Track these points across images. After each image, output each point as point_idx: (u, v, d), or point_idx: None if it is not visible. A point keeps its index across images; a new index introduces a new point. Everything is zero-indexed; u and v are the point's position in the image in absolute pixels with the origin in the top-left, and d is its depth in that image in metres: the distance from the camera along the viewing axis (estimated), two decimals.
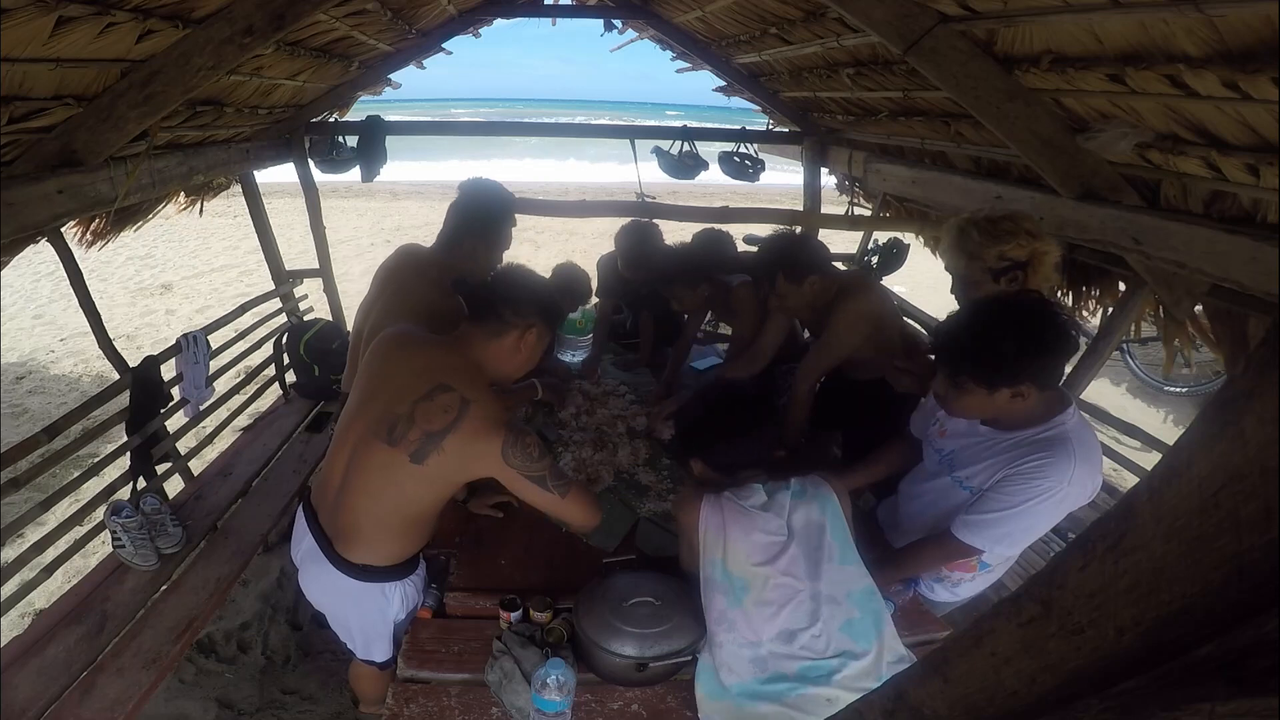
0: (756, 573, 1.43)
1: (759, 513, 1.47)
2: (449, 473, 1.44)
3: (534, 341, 1.53)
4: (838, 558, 1.46)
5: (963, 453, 1.53)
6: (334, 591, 1.55)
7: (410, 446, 1.39)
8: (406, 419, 1.40)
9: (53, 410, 4.17)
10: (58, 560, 2.08)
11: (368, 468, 1.45)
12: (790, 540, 1.45)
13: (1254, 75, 1.23)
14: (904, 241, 3.67)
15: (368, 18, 2.71)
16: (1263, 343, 0.33)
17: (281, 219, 6.45)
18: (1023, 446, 1.40)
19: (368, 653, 1.65)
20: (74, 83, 1.76)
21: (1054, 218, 2.08)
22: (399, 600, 1.56)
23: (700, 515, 1.47)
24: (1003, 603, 0.46)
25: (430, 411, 1.39)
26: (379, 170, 3.62)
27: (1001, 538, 1.45)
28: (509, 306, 1.49)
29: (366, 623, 1.59)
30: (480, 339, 1.51)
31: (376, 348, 1.58)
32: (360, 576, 1.49)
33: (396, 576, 1.54)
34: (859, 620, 1.41)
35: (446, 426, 1.38)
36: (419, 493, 1.46)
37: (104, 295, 6.28)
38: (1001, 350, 1.28)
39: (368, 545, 1.49)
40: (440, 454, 1.39)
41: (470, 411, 1.39)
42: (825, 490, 1.52)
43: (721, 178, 4.05)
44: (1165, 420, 4.68)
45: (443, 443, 1.38)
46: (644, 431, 2.39)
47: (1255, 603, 0.32)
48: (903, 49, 1.89)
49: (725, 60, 3.87)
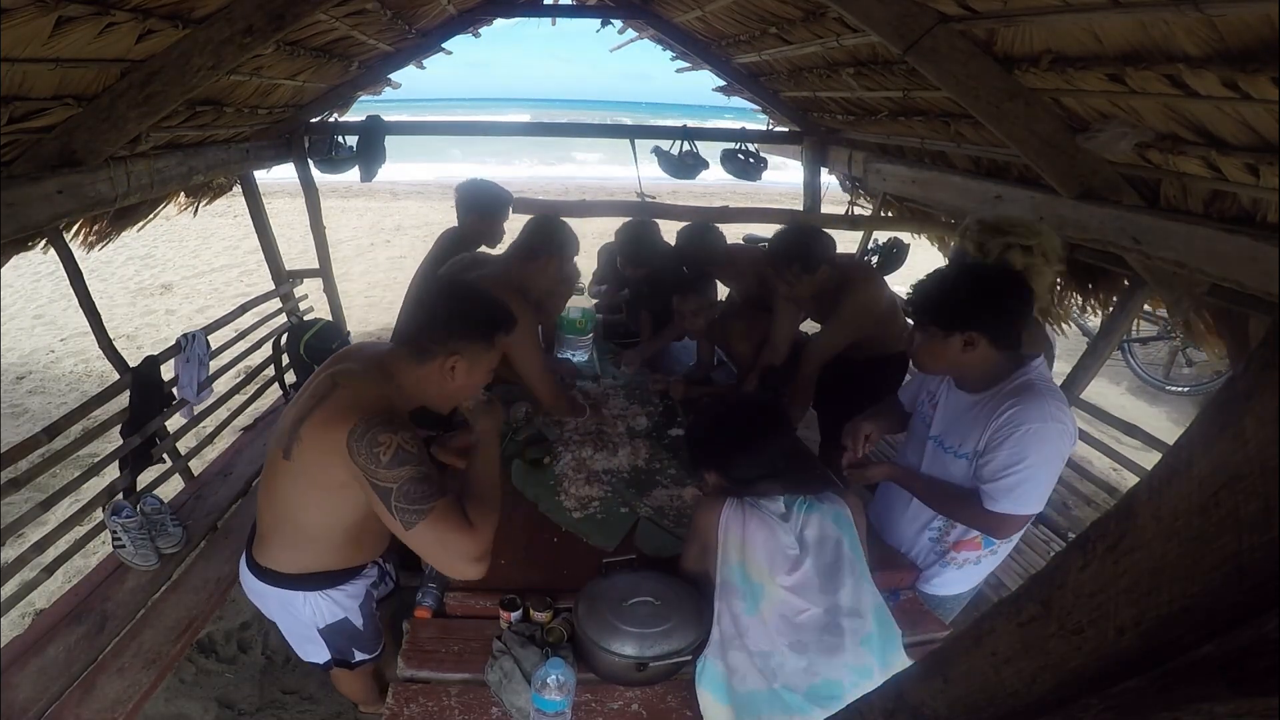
0: (773, 581, 1.41)
1: (779, 522, 1.45)
2: (313, 470, 1.28)
3: (464, 370, 1.37)
4: (858, 571, 1.44)
5: (949, 428, 1.64)
6: (252, 591, 1.56)
7: (283, 440, 1.30)
8: (296, 420, 1.31)
9: (53, 410, 4.17)
10: (58, 560, 2.08)
11: (267, 471, 1.43)
12: (804, 555, 1.43)
13: (1254, 75, 1.24)
14: (904, 241, 3.67)
15: (368, 18, 2.71)
16: (1263, 343, 0.32)
17: (281, 219, 6.46)
18: (994, 401, 1.52)
19: (304, 655, 1.66)
20: (74, 83, 1.76)
21: (1054, 217, 2.08)
22: (310, 612, 1.53)
23: (721, 517, 1.44)
24: (1003, 603, 0.46)
25: (300, 399, 1.31)
26: (378, 170, 3.62)
27: (1025, 495, 1.50)
28: (432, 332, 1.34)
29: (286, 625, 1.61)
30: (401, 364, 1.36)
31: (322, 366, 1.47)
32: (264, 579, 1.49)
33: (303, 587, 1.50)
34: (875, 635, 1.39)
35: (307, 411, 1.26)
36: (297, 496, 1.35)
37: (104, 295, 6.28)
38: (955, 291, 1.46)
39: (273, 550, 1.48)
40: (299, 444, 1.26)
41: (334, 395, 1.25)
42: (838, 505, 1.50)
43: (721, 178, 4.06)
44: (1165, 420, 4.68)
45: (300, 430, 1.25)
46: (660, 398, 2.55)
47: (1255, 603, 0.32)
48: (903, 49, 1.89)
49: (725, 60, 3.87)
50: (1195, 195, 1.73)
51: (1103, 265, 2.25)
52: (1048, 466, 1.51)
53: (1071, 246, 2.20)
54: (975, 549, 1.70)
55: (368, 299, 6.69)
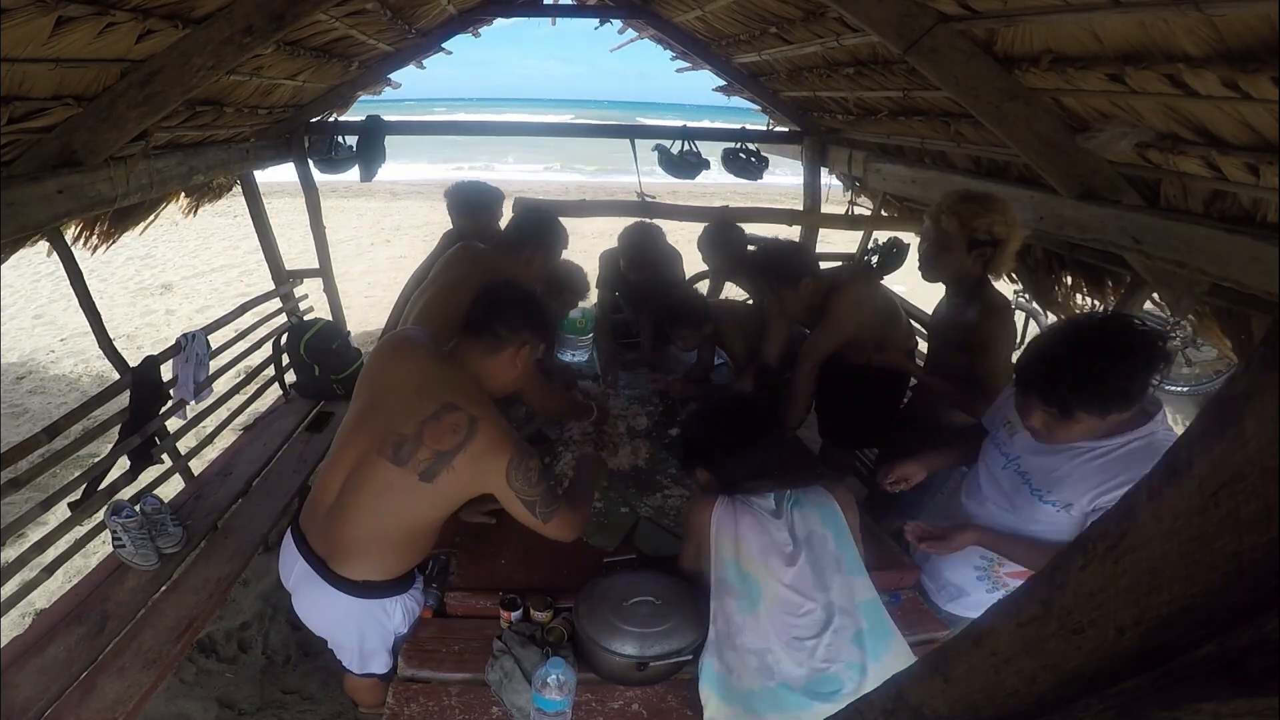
0: (768, 574, 1.41)
1: (770, 518, 1.45)
2: (458, 490, 1.45)
3: (528, 356, 1.57)
4: (845, 567, 1.44)
5: (1044, 470, 1.44)
6: (332, 611, 1.54)
7: (419, 466, 1.40)
8: (414, 439, 1.40)
9: (53, 410, 4.17)
10: (58, 560, 2.08)
11: (370, 486, 1.44)
12: (798, 550, 1.43)
13: (1254, 75, 1.23)
14: (904, 241, 3.67)
15: (367, 17, 2.71)
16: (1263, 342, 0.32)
17: (281, 219, 6.44)
18: (1116, 461, 1.33)
19: (365, 667, 1.64)
20: (74, 83, 1.75)
21: (1054, 217, 2.08)
22: (400, 614, 1.56)
23: (713, 516, 1.45)
24: (1003, 603, 0.46)
25: (439, 431, 1.40)
26: (378, 170, 3.62)
27: None
28: (503, 323, 1.52)
29: (367, 640, 1.58)
30: (476, 354, 1.53)
31: (378, 354, 1.59)
32: (360, 593, 1.48)
33: (397, 591, 1.53)
34: (868, 631, 1.39)
35: (457, 446, 1.40)
36: (425, 509, 1.47)
37: (104, 295, 6.28)
38: (1115, 379, 1.23)
39: (369, 561, 1.48)
40: (451, 471, 1.40)
41: (479, 429, 1.41)
42: (825, 499, 1.50)
43: (722, 177, 4.05)
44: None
45: (453, 461, 1.40)
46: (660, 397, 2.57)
47: (1255, 603, 0.32)
48: (903, 48, 1.89)
49: (725, 60, 3.87)
50: (1195, 195, 1.73)
51: (1103, 265, 2.25)
52: None
53: (1071, 246, 2.20)
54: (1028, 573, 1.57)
55: (368, 299, 6.69)
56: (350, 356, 3.43)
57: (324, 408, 3.34)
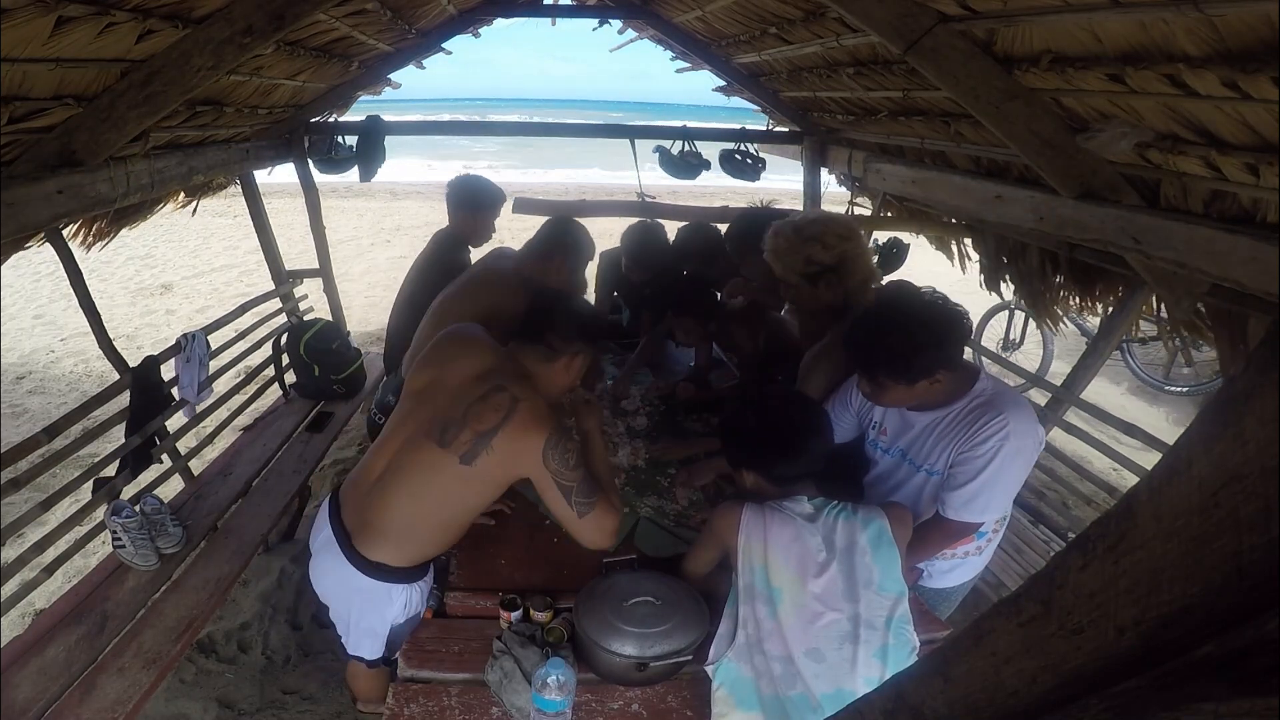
0: (793, 582, 1.38)
1: (805, 523, 1.42)
2: (496, 473, 1.47)
3: (579, 365, 1.63)
4: (877, 584, 1.40)
5: (915, 445, 1.65)
6: (341, 584, 1.56)
7: (461, 448, 1.43)
8: (459, 421, 1.44)
9: (53, 410, 4.17)
10: (58, 560, 2.08)
11: (413, 468, 1.47)
12: (831, 557, 1.40)
13: (1254, 75, 1.23)
14: (904, 241, 3.67)
15: (367, 17, 2.71)
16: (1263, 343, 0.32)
17: (281, 219, 6.45)
18: (964, 419, 1.55)
19: (356, 649, 1.66)
20: (74, 83, 1.75)
21: (1054, 217, 2.08)
22: (402, 604, 1.56)
23: (741, 523, 1.41)
24: (1003, 602, 0.46)
25: (483, 412, 1.44)
26: (378, 170, 3.62)
27: (987, 504, 1.55)
28: (557, 334, 1.57)
29: (364, 620, 1.60)
30: (532, 359, 1.59)
31: (439, 346, 1.63)
32: (370, 573, 1.50)
33: (407, 579, 1.54)
34: (893, 648, 1.36)
35: (496, 425, 1.43)
36: (462, 495, 1.49)
37: (104, 295, 6.28)
38: (905, 353, 1.45)
39: (391, 544, 1.50)
40: (489, 453, 1.43)
41: (519, 409, 1.44)
42: (876, 514, 1.45)
43: (722, 178, 4.05)
44: (1165, 420, 4.68)
45: (492, 441, 1.42)
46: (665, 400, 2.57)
47: (1255, 603, 0.32)
48: (903, 49, 1.89)
49: (725, 60, 3.87)
50: (1195, 195, 1.73)
51: (1103, 265, 2.25)
52: (1019, 476, 1.57)
53: (1071, 246, 2.20)
54: (968, 542, 1.72)
55: (368, 299, 6.70)
56: (350, 356, 3.43)
57: (324, 408, 3.34)
